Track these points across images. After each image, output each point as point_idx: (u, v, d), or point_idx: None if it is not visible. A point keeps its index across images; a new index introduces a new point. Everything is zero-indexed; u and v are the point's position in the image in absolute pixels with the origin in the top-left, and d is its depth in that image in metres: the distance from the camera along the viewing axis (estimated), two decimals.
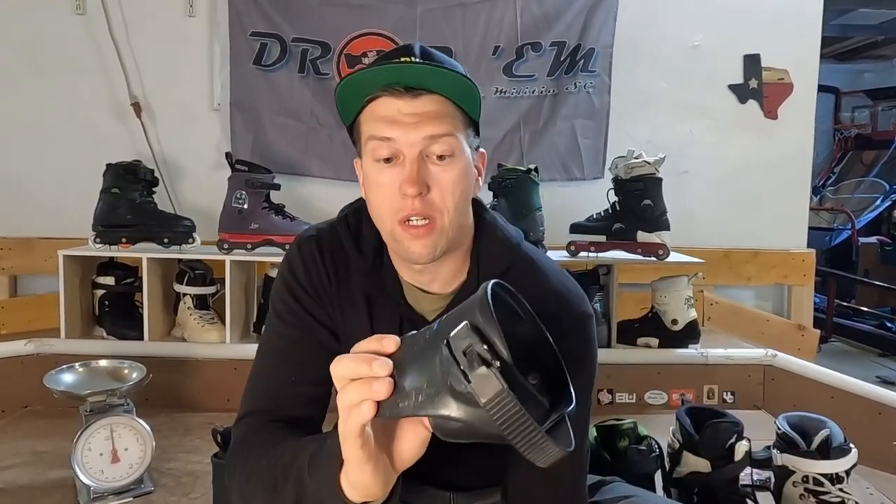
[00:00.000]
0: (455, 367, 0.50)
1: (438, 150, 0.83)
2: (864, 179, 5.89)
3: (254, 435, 0.86)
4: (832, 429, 1.26)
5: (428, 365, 0.53)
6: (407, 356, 0.56)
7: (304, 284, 0.93)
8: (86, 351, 1.86)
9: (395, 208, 0.84)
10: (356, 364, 0.57)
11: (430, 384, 0.53)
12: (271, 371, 0.93)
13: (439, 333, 0.54)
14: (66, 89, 2.45)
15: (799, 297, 2.76)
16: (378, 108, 0.84)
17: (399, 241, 0.86)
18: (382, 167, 0.84)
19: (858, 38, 5.87)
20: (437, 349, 0.52)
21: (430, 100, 0.83)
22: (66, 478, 1.43)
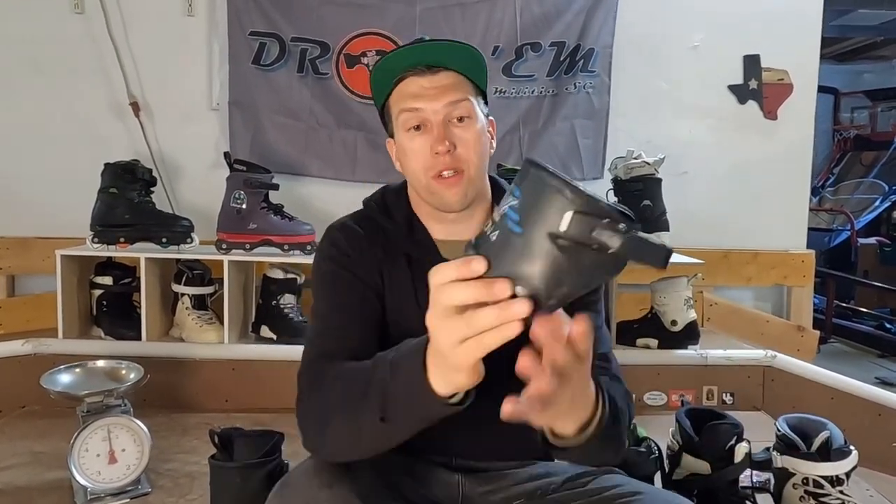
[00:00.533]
0: (587, 251, 0.54)
1: (458, 113, 1.00)
2: (864, 180, 5.89)
3: (324, 369, 0.90)
4: (832, 430, 1.26)
5: (546, 262, 0.55)
6: (505, 266, 0.56)
7: (349, 252, 1.03)
8: (83, 351, 1.85)
9: (428, 165, 1.01)
10: (476, 290, 0.56)
11: (555, 277, 0.56)
12: (328, 325, 0.99)
13: (532, 231, 0.55)
14: (65, 89, 2.45)
15: (798, 297, 2.76)
16: (406, 87, 1.02)
17: (434, 192, 1.01)
18: (414, 135, 1.01)
19: (858, 38, 5.87)
20: (545, 245, 0.55)
21: (447, 75, 1.02)
22: (64, 479, 1.42)
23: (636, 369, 2.02)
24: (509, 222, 0.56)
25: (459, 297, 0.57)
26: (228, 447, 1.27)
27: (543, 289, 0.55)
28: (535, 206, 0.55)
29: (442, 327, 0.59)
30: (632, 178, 2.12)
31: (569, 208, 0.54)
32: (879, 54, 6.38)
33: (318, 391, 0.88)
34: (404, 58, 1.01)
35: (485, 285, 0.56)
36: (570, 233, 0.53)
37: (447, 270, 0.58)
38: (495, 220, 0.58)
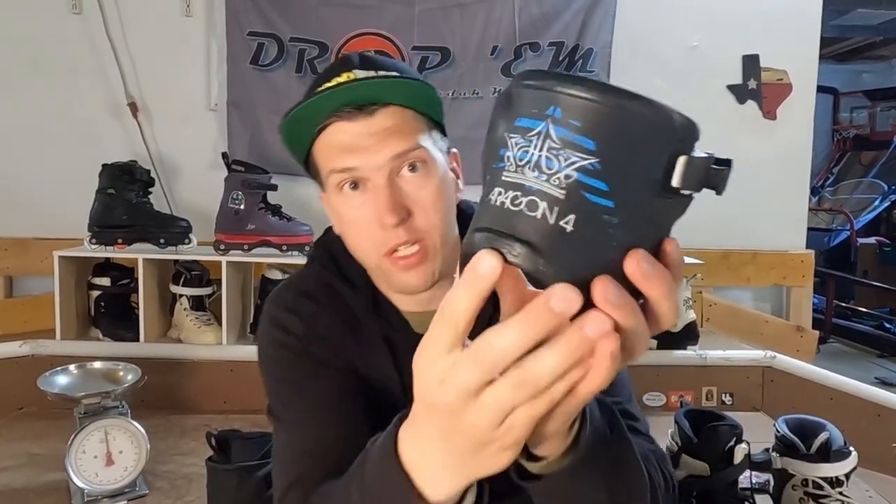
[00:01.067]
0: (680, 203, 0.38)
1: (409, 167, 0.76)
2: (863, 180, 5.89)
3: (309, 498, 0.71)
4: (832, 431, 1.25)
5: (642, 237, 0.38)
6: (581, 266, 0.37)
7: (304, 333, 0.82)
8: (81, 352, 1.85)
9: (377, 243, 0.77)
10: (571, 346, 0.36)
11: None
12: (297, 446, 0.77)
13: (629, 199, 0.37)
14: (62, 89, 2.44)
15: (798, 297, 2.76)
16: (332, 137, 0.77)
17: (390, 275, 0.79)
18: (352, 200, 0.77)
19: (857, 38, 5.87)
20: (645, 214, 0.38)
21: (387, 113, 0.76)
22: (61, 480, 1.41)
23: (635, 370, 2.00)
24: (591, 196, 0.36)
25: (550, 365, 0.36)
26: (225, 449, 1.26)
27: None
28: (630, 155, 0.36)
29: (479, 407, 0.39)
30: None
31: (679, 147, 0.37)
32: (879, 54, 6.39)
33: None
34: (327, 100, 0.75)
35: (578, 332, 0.36)
36: (686, 183, 0.37)
37: (518, 334, 0.36)
38: (552, 204, 0.36)
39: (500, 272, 0.37)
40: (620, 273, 0.37)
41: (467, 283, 0.37)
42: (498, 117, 0.41)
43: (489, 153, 0.41)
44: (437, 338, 0.39)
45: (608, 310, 0.36)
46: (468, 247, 0.40)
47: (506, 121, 0.40)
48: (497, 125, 0.40)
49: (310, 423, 0.77)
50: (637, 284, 0.37)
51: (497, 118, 0.41)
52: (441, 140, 0.83)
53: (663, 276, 0.38)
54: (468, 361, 0.38)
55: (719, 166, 0.38)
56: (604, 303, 0.36)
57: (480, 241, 0.39)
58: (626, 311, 0.37)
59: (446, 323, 0.38)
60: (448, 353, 0.39)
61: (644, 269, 0.37)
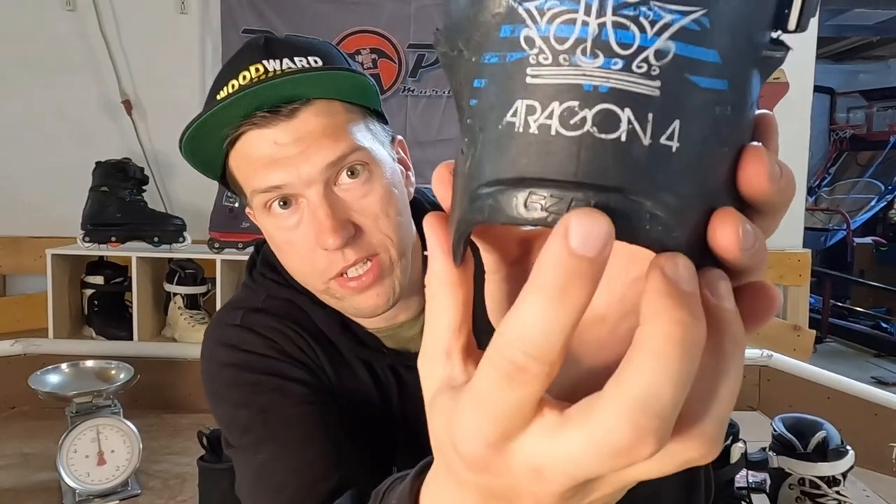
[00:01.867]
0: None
1: (348, 172, 0.64)
2: (860, 180, 5.89)
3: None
4: (829, 431, 1.25)
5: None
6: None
7: (274, 354, 0.71)
8: (74, 351, 1.83)
9: (321, 268, 0.65)
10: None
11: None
12: (265, 482, 0.66)
13: (741, 71, 0.24)
14: (56, 86, 2.43)
15: (795, 297, 2.75)
16: (246, 149, 0.64)
17: (342, 298, 0.67)
18: (283, 220, 0.65)
19: (854, 38, 5.87)
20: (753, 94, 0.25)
21: (311, 112, 0.63)
22: (52, 480, 1.40)
23: None
24: (700, 79, 0.22)
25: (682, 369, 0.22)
26: (217, 449, 1.25)
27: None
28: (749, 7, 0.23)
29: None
30: None
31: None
32: (875, 54, 6.39)
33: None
34: (234, 108, 0.62)
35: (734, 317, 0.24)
36: (804, 21, 0.25)
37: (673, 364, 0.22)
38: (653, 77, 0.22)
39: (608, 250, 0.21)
40: (730, 193, 0.24)
41: (546, 290, 0.21)
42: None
43: (472, 35, 0.24)
44: (499, 401, 0.23)
45: (743, 258, 0.23)
46: (479, 213, 0.23)
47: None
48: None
49: (286, 451, 0.65)
50: (764, 198, 0.25)
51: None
52: (382, 130, 0.70)
53: (791, 175, 0.26)
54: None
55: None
56: (737, 252, 0.23)
57: (504, 205, 0.23)
58: (757, 256, 0.24)
59: (512, 378, 0.23)
60: (530, 417, 0.24)
61: (776, 171, 0.25)
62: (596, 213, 0.21)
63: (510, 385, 0.23)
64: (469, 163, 0.24)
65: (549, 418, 0.24)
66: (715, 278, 0.23)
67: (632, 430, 0.21)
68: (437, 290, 0.27)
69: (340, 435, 0.67)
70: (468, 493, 0.28)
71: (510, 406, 0.23)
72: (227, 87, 0.64)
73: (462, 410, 0.25)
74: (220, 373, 0.72)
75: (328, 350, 0.72)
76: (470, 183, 0.24)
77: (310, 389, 0.70)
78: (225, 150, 0.66)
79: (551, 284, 0.21)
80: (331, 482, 0.62)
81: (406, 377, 0.75)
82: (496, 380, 0.23)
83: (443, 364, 0.27)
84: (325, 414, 0.68)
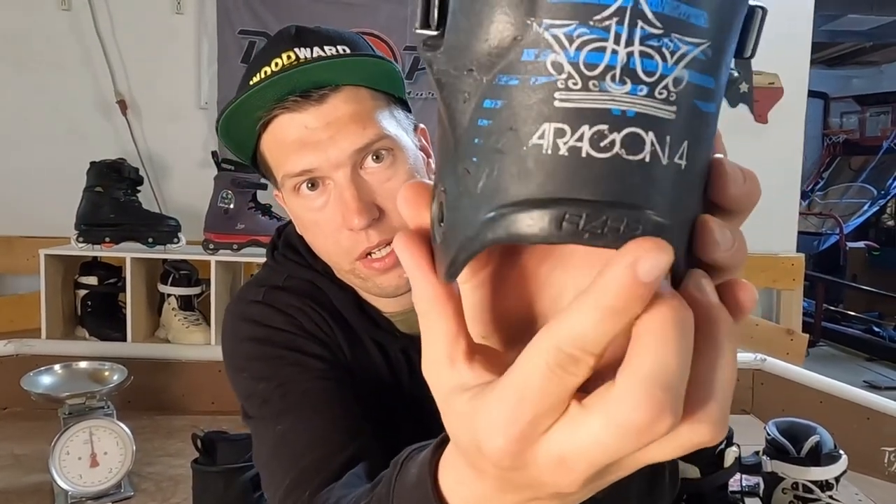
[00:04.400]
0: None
1: (373, 157, 0.67)
2: (853, 184, 5.93)
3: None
4: (822, 435, 1.26)
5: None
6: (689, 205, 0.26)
7: (294, 330, 0.73)
8: (67, 352, 1.83)
9: (346, 248, 0.68)
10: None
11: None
12: (286, 447, 0.68)
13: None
14: (51, 85, 2.41)
15: (788, 301, 2.77)
16: (278, 133, 0.67)
17: (366, 278, 0.70)
18: (311, 202, 0.68)
19: (847, 43, 5.91)
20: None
21: (340, 98, 0.66)
22: (44, 482, 1.40)
23: None
24: (703, 105, 0.25)
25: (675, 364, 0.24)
26: (211, 451, 1.25)
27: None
28: (733, 23, 0.26)
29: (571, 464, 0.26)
30: None
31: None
32: (869, 59, 6.44)
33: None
34: (267, 91, 0.66)
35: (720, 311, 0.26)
36: (755, 48, 0.28)
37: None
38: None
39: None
40: (706, 199, 0.27)
41: (601, 307, 0.23)
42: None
43: (484, 57, 0.24)
44: (545, 391, 0.25)
45: (724, 257, 0.26)
46: (503, 232, 0.24)
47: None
48: (493, 4, 0.24)
49: (304, 422, 0.68)
50: (732, 202, 0.28)
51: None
52: (406, 118, 0.73)
53: (754, 179, 0.29)
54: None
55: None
56: (719, 253, 0.26)
57: (532, 224, 0.23)
58: (738, 253, 0.27)
59: (565, 368, 0.24)
60: (560, 408, 0.25)
61: (739, 178, 0.28)
62: (662, 245, 0.23)
63: (561, 375, 0.24)
64: (483, 182, 0.24)
65: (570, 410, 0.25)
66: (699, 278, 0.26)
67: (650, 404, 0.23)
68: (427, 309, 0.28)
69: (356, 409, 0.70)
70: (487, 483, 0.29)
71: (554, 397, 0.25)
72: (261, 73, 0.67)
73: (491, 407, 0.26)
74: (242, 346, 0.75)
75: (345, 329, 0.75)
76: (483, 204, 0.24)
77: (327, 365, 0.72)
78: (257, 132, 0.69)
79: (613, 304, 0.23)
80: (346, 454, 0.64)
81: (416, 360, 0.76)
82: (547, 370, 0.24)
83: (448, 371, 0.28)
84: (341, 389, 0.71)
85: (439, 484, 0.34)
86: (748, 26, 0.27)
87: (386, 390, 0.76)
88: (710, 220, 0.26)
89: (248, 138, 0.71)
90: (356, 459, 0.63)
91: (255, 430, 0.73)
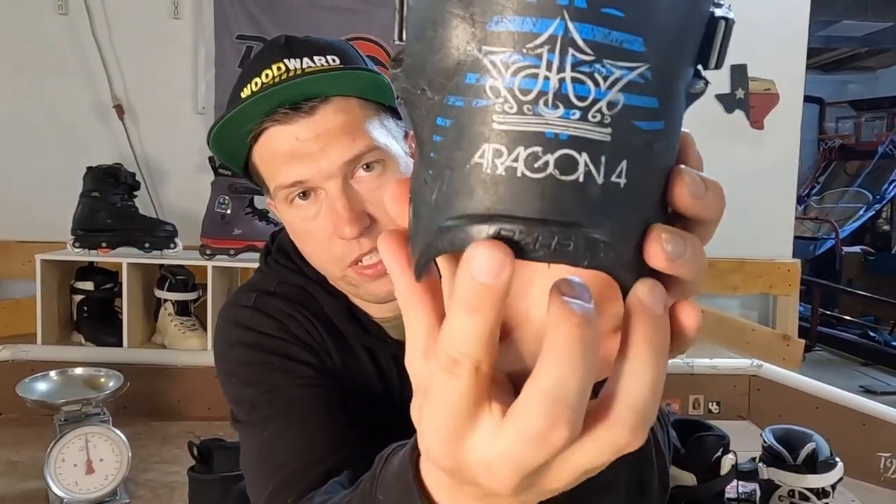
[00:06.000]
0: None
1: (364, 166, 0.68)
2: (848, 189, 5.94)
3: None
4: (818, 442, 1.26)
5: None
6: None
7: (284, 336, 0.74)
8: (63, 357, 1.82)
9: (338, 256, 0.69)
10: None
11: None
12: (271, 449, 0.69)
13: (675, 117, 0.27)
14: (47, 90, 2.41)
15: (784, 306, 2.77)
16: (270, 144, 0.68)
17: (358, 285, 0.71)
18: (304, 211, 0.69)
19: (843, 49, 5.94)
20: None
21: (329, 109, 0.67)
22: (40, 489, 1.39)
23: None
24: (643, 124, 0.25)
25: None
26: (208, 459, 1.25)
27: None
28: (679, 41, 0.26)
29: (522, 451, 0.27)
30: None
31: (710, 4, 0.28)
32: (864, 65, 6.47)
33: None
34: (258, 104, 0.67)
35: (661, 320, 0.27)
36: (720, 59, 0.28)
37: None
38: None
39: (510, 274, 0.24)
40: (666, 208, 0.27)
41: (458, 307, 0.25)
42: (446, 11, 0.25)
43: (436, 78, 0.26)
44: (446, 396, 0.27)
45: (677, 267, 0.26)
46: (449, 243, 0.26)
47: (469, 20, 0.24)
48: (446, 24, 0.25)
49: (290, 430, 0.69)
50: (692, 212, 0.28)
51: (443, 11, 0.25)
52: (396, 125, 0.74)
53: (717, 188, 0.29)
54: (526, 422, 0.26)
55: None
56: (665, 262, 0.26)
57: (473, 238, 0.25)
58: (689, 263, 0.27)
59: (450, 371, 0.26)
60: (474, 413, 0.27)
61: (699, 188, 0.27)
62: (495, 246, 0.24)
63: (450, 377, 0.26)
64: (435, 195, 0.26)
65: (492, 417, 0.27)
66: (640, 285, 0.26)
67: (546, 416, 0.25)
68: (406, 302, 0.30)
69: (342, 418, 0.70)
70: (446, 476, 0.31)
71: (454, 399, 0.27)
72: (251, 85, 0.68)
73: (425, 413, 0.29)
74: (232, 351, 0.76)
75: (334, 336, 0.76)
76: (436, 214, 0.26)
77: (315, 372, 0.73)
78: (248, 144, 0.70)
79: (463, 302, 0.25)
80: (329, 464, 0.65)
81: (404, 371, 0.75)
82: (440, 375, 0.27)
83: (422, 363, 0.30)
84: (328, 397, 0.72)
85: (420, 472, 0.35)
86: (709, 39, 0.27)
87: (376, 396, 0.77)
88: (660, 229, 0.26)
89: (240, 149, 0.72)
90: (339, 469, 0.64)
91: (242, 435, 0.74)
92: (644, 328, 0.26)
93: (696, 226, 0.28)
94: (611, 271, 0.26)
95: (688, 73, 0.27)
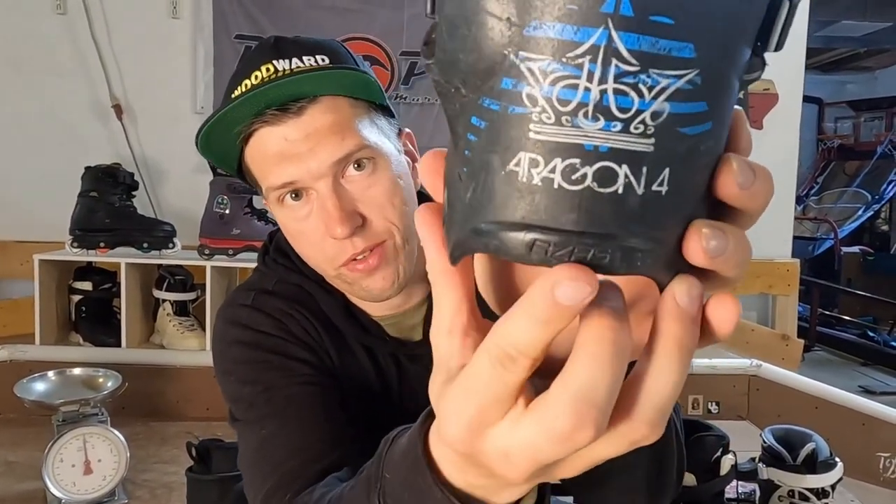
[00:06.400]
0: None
1: (355, 165, 0.68)
2: (847, 189, 5.94)
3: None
4: (818, 442, 1.26)
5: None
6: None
7: (282, 335, 0.74)
8: (61, 357, 1.82)
9: (331, 255, 0.69)
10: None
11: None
12: (269, 446, 0.69)
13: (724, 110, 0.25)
14: (46, 90, 2.41)
15: (783, 307, 2.77)
16: (260, 145, 0.68)
17: (352, 282, 0.71)
18: (296, 211, 0.69)
19: (842, 49, 5.94)
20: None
21: (318, 109, 0.67)
22: (38, 489, 1.39)
23: None
24: (689, 129, 0.24)
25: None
26: (206, 459, 1.24)
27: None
28: (732, 36, 0.24)
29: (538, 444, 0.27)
30: None
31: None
32: (863, 65, 6.47)
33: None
34: (246, 106, 0.67)
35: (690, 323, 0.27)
36: (782, 40, 0.26)
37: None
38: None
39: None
40: (710, 199, 0.26)
41: (529, 316, 0.25)
42: (481, 10, 0.23)
43: (471, 77, 0.25)
44: (490, 386, 0.27)
45: (715, 264, 0.26)
46: (483, 246, 0.26)
47: (506, 22, 0.23)
48: (481, 24, 0.24)
49: (287, 428, 0.69)
50: (738, 203, 0.27)
51: (478, 10, 0.24)
52: (388, 124, 0.74)
53: (766, 176, 0.27)
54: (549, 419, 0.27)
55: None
56: (705, 259, 0.25)
57: (508, 245, 0.25)
58: (731, 258, 0.26)
59: (504, 365, 0.26)
60: (508, 405, 0.28)
61: (747, 178, 0.26)
62: (582, 274, 0.24)
63: (501, 371, 0.27)
64: (470, 195, 0.26)
65: (516, 410, 0.28)
66: (677, 283, 0.26)
67: (574, 416, 0.26)
68: (436, 277, 0.30)
69: (340, 416, 0.71)
70: (458, 456, 0.32)
71: (496, 391, 0.27)
72: (241, 87, 0.68)
73: (451, 396, 0.29)
74: (230, 350, 0.76)
75: (333, 334, 0.76)
76: (471, 214, 0.26)
77: (313, 370, 0.73)
78: (239, 146, 0.70)
79: (538, 315, 0.25)
80: (326, 462, 0.65)
81: (406, 365, 0.77)
82: (489, 364, 0.27)
83: (446, 340, 0.30)
84: (326, 395, 0.72)
85: (429, 447, 0.35)
86: (770, 20, 0.25)
87: (374, 394, 0.77)
88: (700, 224, 0.25)
89: (231, 151, 0.72)
90: (337, 467, 0.64)
91: (240, 433, 0.74)
92: (676, 329, 0.26)
93: (740, 215, 0.28)
94: (648, 275, 0.25)
95: (742, 62, 0.25)
